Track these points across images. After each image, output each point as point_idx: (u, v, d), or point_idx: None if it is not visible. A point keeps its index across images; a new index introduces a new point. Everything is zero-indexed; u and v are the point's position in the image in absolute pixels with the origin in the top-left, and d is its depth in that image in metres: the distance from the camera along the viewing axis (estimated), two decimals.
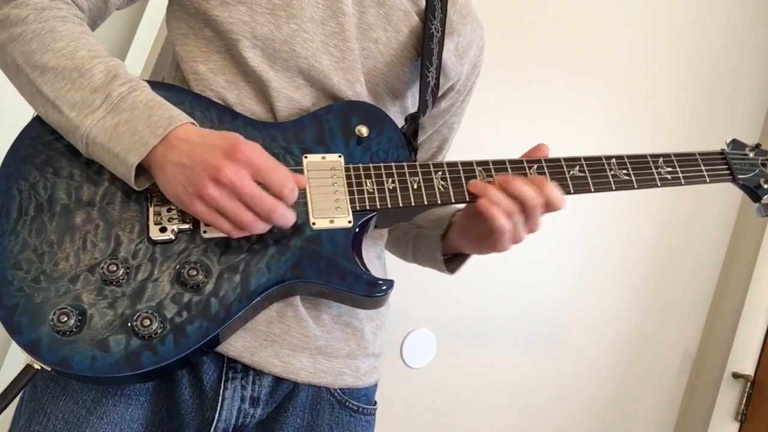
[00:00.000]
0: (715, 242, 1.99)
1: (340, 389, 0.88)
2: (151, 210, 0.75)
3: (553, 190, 0.82)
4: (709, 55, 1.93)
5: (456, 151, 1.13)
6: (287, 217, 0.72)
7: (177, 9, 0.88)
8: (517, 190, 0.80)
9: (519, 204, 0.81)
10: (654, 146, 1.84)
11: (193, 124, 0.74)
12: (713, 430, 1.83)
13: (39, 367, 0.69)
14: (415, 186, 0.82)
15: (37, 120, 0.77)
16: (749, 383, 1.82)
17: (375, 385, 0.95)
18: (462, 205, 0.92)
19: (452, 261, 0.98)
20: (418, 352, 1.61)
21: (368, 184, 0.81)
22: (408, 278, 1.13)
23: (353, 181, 0.81)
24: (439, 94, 0.98)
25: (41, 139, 0.77)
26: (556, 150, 0.88)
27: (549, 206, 0.82)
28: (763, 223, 1.90)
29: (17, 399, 0.74)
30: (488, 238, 0.84)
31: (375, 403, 0.95)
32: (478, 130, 1.13)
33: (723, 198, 1.98)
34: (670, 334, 1.94)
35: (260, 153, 0.71)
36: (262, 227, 0.72)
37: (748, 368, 1.84)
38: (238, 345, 0.79)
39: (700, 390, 1.94)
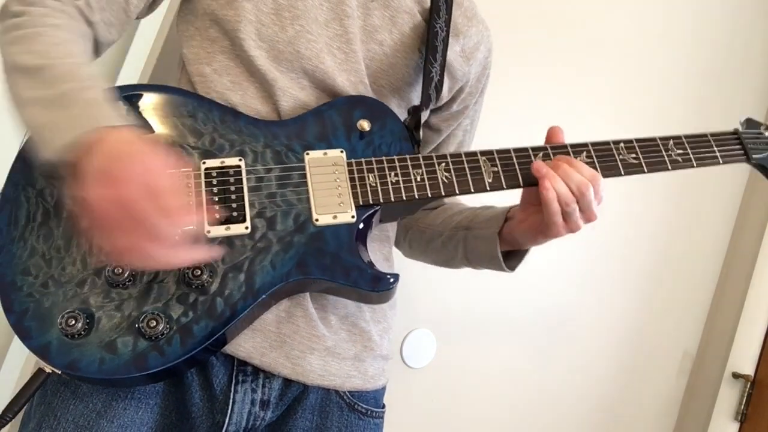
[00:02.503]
0: (715, 242, 1.99)
1: (349, 392, 0.88)
2: None
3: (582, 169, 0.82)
4: (712, 51, 1.93)
5: None
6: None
7: (187, 12, 0.90)
8: (570, 177, 0.80)
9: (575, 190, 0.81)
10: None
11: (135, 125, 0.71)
12: (713, 430, 1.83)
13: (50, 371, 0.70)
14: (419, 178, 0.82)
15: None
16: (749, 383, 1.82)
17: (383, 388, 0.95)
18: (517, 202, 0.91)
19: (510, 259, 0.95)
20: (418, 352, 1.60)
21: (371, 178, 0.81)
22: (408, 278, 1.12)
23: (356, 176, 0.81)
24: (449, 96, 0.99)
25: None
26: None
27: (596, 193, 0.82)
28: (763, 223, 1.90)
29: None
30: (541, 224, 0.83)
31: (383, 406, 0.95)
32: (486, 123, 1.12)
33: (723, 198, 1.99)
34: (670, 334, 1.94)
35: (145, 200, 0.63)
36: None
37: (748, 368, 1.84)
38: (247, 346, 0.80)
39: (700, 390, 1.94)
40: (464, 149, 1.10)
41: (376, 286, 0.78)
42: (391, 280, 0.78)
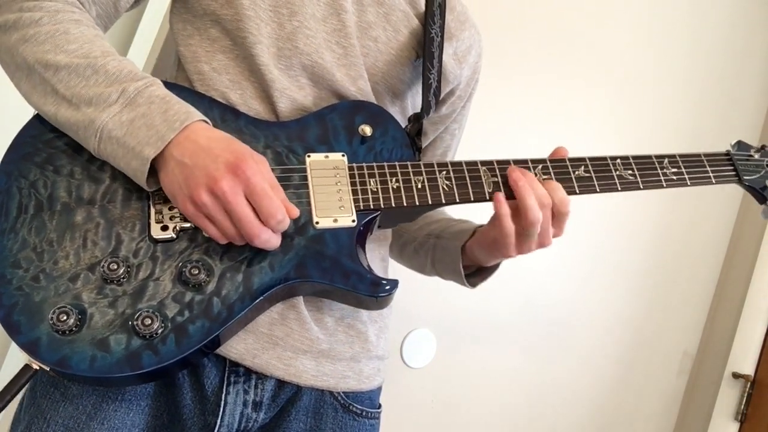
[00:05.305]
0: (715, 242, 1.99)
1: (343, 393, 0.87)
2: (152, 208, 0.74)
3: (556, 190, 0.82)
4: (711, 56, 1.93)
5: (461, 150, 1.12)
6: (270, 244, 0.72)
7: (182, 11, 0.88)
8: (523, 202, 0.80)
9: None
10: (655, 148, 1.85)
11: (206, 122, 0.73)
12: (713, 430, 1.84)
13: (38, 367, 0.68)
14: (420, 185, 0.82)
15: (37, 118, 0.77)
16: (749, 383, 1.82)
17: (379, 388, 0.95)
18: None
19: (473, 275, 0.97)
20: (418, 352, 1.60)
21: (372, 183, 0.81)
22: (408, 278, 1.12)
23: (357, 180, 0.80)
24: (441, 96, 0.98)
25: (42, 137, 0.76)
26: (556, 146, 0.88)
27: (555, 211, 0.81)
28: (763, 223, 1.90)
29: (16, 401, 0.73)
30: (495, 241, 0.84)
31: (379, 407, 0.94)
32: (481, 129, 1.12)
33: (723, 198, 1.98)
34: (670, 334, 1.94)
35: (261, 175, 0.70)
36: (243, 243, 0.72)
37: (748, 368, 1.84)
38: (240, 347, 0.79)
39: (700, 390, 1.94)
40: (450, 153, 1.10)
41: (375, 291, 0.77)
42: (388, 287, 0.77)
